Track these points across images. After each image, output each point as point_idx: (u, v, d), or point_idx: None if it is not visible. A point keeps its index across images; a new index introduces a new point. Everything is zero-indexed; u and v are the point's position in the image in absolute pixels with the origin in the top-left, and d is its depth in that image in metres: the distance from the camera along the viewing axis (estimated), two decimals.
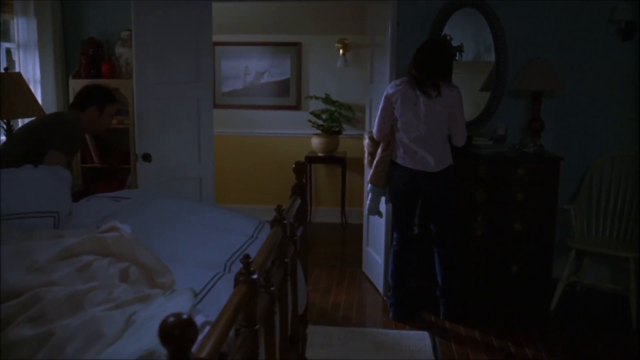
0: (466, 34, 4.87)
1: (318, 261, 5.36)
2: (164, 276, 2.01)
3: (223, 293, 2.07)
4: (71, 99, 4.84)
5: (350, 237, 6.09)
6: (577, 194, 4.62)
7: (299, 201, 3.20)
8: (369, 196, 4.26)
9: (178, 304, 1.76)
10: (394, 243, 4.13)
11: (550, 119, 4.64)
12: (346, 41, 6.35)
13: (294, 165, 3.34)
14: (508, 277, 4.40)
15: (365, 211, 4.61)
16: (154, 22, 4.39)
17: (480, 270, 4.42)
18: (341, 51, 6.35)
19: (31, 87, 4.56)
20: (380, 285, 4.66)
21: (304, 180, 3.34)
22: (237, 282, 1.68)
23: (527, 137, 4.53)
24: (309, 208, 6.33)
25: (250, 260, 1.83)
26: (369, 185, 4.22)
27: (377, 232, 4.71)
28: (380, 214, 4.35)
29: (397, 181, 4.04)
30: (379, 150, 4.10)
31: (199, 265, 2.33)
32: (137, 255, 2.06)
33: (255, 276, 1.69)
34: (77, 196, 3.59)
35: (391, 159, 4.04)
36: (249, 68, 6.62)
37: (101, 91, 3.77)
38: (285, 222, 2.58)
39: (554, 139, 4.71)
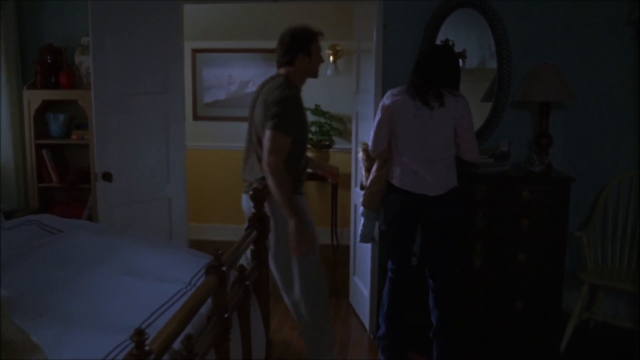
0: (470, 39, 4.41)
1: None
2: (33, 355, 1.52)
3: None
4: (26, 112, 4.41)
5: (342, 261, 5.58)
6: (590, 219, 4.13)
7: (255, 235, 2.71)
8: (362, 221, 3.73)
9: None
10: (390, 275, 3.59)
11: (560, 133, 4.16)
12: (337, 47, 5.90)
13: (251, 192, 2.85)
14: (512, 314, 3.90)
15: (356, 238, 4.09)
16: (115, 25, 4.00)
17: (480, 306, 3.91)
18: (331, 58, 5.89)
19: None
20: (366, 321, 4.15)
21: (264, 209, 2.85)
22: None
23: (533, 154, 4.04)
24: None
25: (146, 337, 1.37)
26: (362, 209, 3.69)
27: (364, 260, 4.20)
28: (374, 242, 3.87)
29: (393, 206, 3.49)
30: (374, 169, 3.57)
31: (104, 329, 1.84)
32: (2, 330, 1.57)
33: None
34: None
35: (387, 179, 3.50)
36: (232, 77, 6.18)
37: (297, 36, 3.26)
38: (224, 269, 2.09)
39: (564, 156, 4.21)
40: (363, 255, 4.22)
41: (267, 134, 3.07)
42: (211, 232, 6.14)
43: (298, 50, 3.21)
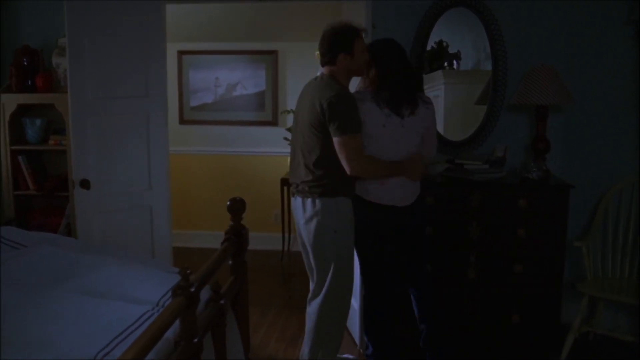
0: (464, 40, 4.28)
1: (288, 302, 4.67)
2: None
3: None
4: (1, 116, 4.23)
5: None
6: (590, 228, 3.96)
7: (232, 249, 2.53)
8: None
9: None
10: (366, 294, 3.41)
11: (558, 138, 3.98)
12: None
13: (228, 203, 2.67)
14: (508, 328, 3.71)
15: None
16: (93, 26, 3.87)
17: (475, 320, 3.73)
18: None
19: None
20: (356, 335, 3.96)
21: (241, 221, 2.67)
22: None
23: (530, 159, 3.87)
24: (285, 241, 5.69)
25: None
26: None
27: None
28: None
29: (364, 224, 3.21)
30: None
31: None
32: None
33: None
34: None
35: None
36: (219, 80, 5.99)
37: (339, 34, 3.09)
38: (193, 289, 1.91)
39: (562, 162, 4.04)
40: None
41: (336, 141, 2.97)
42: (198, 240, 5.96)
43: (339, 50, 3.04)
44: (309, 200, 3.08)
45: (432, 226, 3.64)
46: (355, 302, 3.95)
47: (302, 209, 3.11)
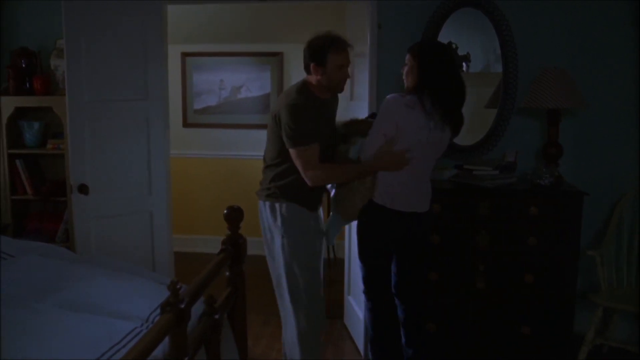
0: (474, 41, 4.14)
1: None
2: None
3: None
4: None
5: (339, 275, 5.26)
6: (604, 237, 3.82)
7: (228, 261, 2.42)
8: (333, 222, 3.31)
9: None
10: (370, 305, 3.24)
11: (570, 143, 3.85)
12: None
13: (225, 211, 2.56)
14: (518, 340, 3.58)
15: (351, 253, 3.75)
16: (92, 27, 3.77)
17: (483, 331, 3.59)
18: None
19: None
20: (361, 345, 3.85)
21: (239, 230, 2.56)
22: None
23: (542, 165, 3.73)
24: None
25: None
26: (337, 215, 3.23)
27: (359, 279, 3.87)
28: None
29: (380, 231, 3.06)
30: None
31: None
32: None
33: None
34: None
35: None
36: (224, 82, 5.89)
37: (312, 43, 2.98)
38: (182, 305, 1.80)
39: (575, 168, 3.90)
40: (358, 274, 3.88)
41: (292, 153, 2.93)
42: (201, 244, 5.86)
43: (311, 59, 2.95)
44: (262, 203, 3.14)
45: (439, 234, 3.51)
46: (360, 312, 3.84)
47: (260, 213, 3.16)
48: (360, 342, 3.88)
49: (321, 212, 3.31)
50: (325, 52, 2.91)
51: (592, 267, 3.74)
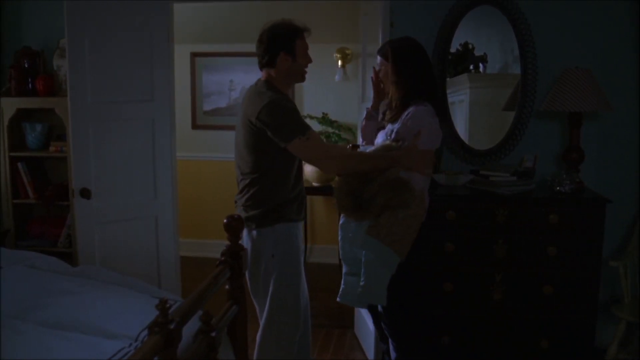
0: (491, 41, 4.05)
1: None
2: None
3: None
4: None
5: None
6: (627, 246, 3.67)
7: (227, 274, 2.28)
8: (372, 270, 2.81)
9: None
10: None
11: (592, 148, 3.71)
12: (347, 51, 5.47)
13: (225, 221, 2.43)
14: (537, 355, 3.43)
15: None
16: (95, 26, 3.70)
17: (499, 345, 3.45)
18: (340, 62, 5.45)
19: None
20: (371, 355, 3.71)
21: (239, 241, 2.43)
22: None
23: (562, 171, 3.58)
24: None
25: None
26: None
27: None
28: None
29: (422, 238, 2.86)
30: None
31: None
32: None
33: None
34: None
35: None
36: (234, 83, 5.79)
37: (278, 32, 2.87)
38: (172, 326, 1.66)
39: (597, 173, 3.77)
40: None
41: (292, 150, 2.72)
42: (211, 249, 5.73)
43: (279, 49, 2.80)
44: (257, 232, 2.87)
45: (453, 243, 3.37)
46: (370, 323, 3.69)
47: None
48: (370, 353, 3.74)
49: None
50: (293, 38, 2.82)
51: (615, 277, 3.61)
